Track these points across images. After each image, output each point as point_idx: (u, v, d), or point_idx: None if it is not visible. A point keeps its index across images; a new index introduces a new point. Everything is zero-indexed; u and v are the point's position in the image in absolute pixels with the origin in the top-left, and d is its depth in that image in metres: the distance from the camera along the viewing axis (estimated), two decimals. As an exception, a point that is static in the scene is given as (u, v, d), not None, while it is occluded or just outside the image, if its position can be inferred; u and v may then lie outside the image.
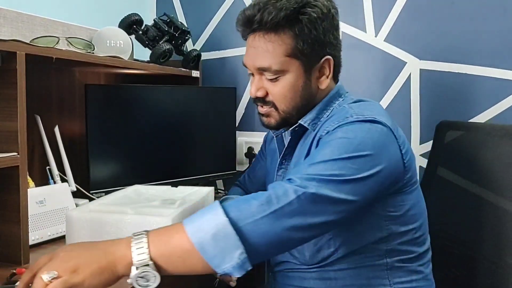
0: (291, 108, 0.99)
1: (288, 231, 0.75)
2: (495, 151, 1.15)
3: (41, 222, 1.13)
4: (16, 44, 0.96)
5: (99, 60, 1.25)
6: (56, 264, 0.69)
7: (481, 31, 1.51)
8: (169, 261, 0.73)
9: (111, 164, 1.44)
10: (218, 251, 0.71)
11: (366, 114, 0.90)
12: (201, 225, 0.73)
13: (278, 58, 0.95)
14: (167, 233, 0.75)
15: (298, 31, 0.94)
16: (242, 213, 0.74)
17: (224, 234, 0.71)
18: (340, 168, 0.80)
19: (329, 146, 0.85)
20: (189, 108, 1.64)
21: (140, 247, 0.71)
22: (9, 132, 0.97)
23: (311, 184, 0.77)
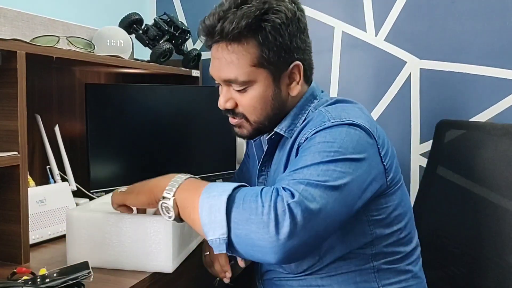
0: (262, 119, 0.97)
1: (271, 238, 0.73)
2: (495, 150, 1.15)
3: (42, 221, 1.13)
4: (16, 43, 0.96)
5: (99, 59, 1.25)
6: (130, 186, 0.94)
7: (481, 30, 1.51)
8: (182, 209, 0.82)
9: (111, 163, 1.44)
10: (209, 220, 0.76)
11: (343, 117, 0.88)
12: (210, 193, 0.78)
13: (244, 69, 0.91)
14: (194, 187, 0.83)
15: (262, 39, 0.89)
16: (243, 204, 0.75)
17: (218, 209, 0.75)
18: (323, 172, 0.78)
19: (309, 152, 0.83)
20: (189, 107, 1.64)
21: (172, 186, 0.83)
22: (9, 131, 0.97)
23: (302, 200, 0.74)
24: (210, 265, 1.02)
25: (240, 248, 0.75)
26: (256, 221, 0.73)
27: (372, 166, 0.86)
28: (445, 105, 1.57)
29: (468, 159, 1.21)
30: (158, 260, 0.92)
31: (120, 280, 0.90)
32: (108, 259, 0.94)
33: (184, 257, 1.01)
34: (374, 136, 0.88)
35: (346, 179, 0.79)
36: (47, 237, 1.14)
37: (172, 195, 0.82)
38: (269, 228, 0.72)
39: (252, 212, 0.74)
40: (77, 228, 0.94)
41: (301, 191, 0.75)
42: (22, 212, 0.98)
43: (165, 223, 0.91)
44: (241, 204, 0.75)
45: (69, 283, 0.83)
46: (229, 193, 0.76)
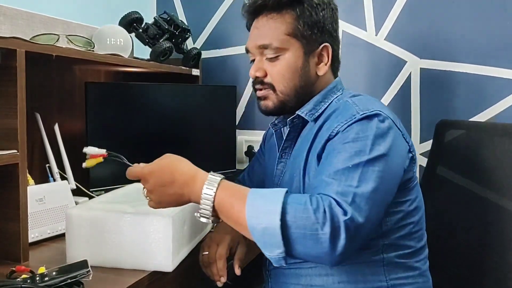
0: (289, 89, 1.01)
1: (329, 254, 0.78)
2: (495, 150, 1.15)
3: (41, 220, 1.13)
4: (16, 42, 0.96)
5: (99, 58, 1.25)
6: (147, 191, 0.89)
7: (482, 30, 1.50)
8: (227, 220, 0.85)
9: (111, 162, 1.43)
10: (264, 241, 0.79)
11: (370, 108, 0.91)
12: (258, 214, 0.79)
13: (279, 36, 0.99)
14: (233, 197, 0.84)
15: (300, 12, 0.99)
16: (296, 221, 0.77)
17: (273, 233, 0.77)
18: (364, 175, 0.83)
19: (345, 151, 0.86)
20: (189, 106, 1.64)
21: (207, 199, 0.84)
22: (9, 129, 0.97)
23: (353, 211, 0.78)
24: (207, 265, 1.03)
25: (299, 257, 0.82)
26: (313, 238, 0.77)
27: (403, 156, 0.92)
28: (445, 105, 1.56)
29: (468, 159, 1.21)
30: (157, 259, 0.92)
31: (119, 278, 0.90)
32: (107, 257, 0.94)
33: (184, 256, 1.01)
34: (398, 126, 0.93)
35: (384, 176, 0.84)
36: (46, 235, 1.13)
37: (212, 202, 0.84)
38: (324, 244, 0.76)
39: (307, 229, 0.77)
40: (77, 227, 0.94)
41: (351, 205, 0.79)
42: (21, 211, 0.98)
43: (165, 222, 0.91)
44: (294, 223, 0.77)
45: (68, 281, 0.83)
46: (280, 215, 0.77)
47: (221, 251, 1.01)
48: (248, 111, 1.88)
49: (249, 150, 1.84)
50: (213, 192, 0.83)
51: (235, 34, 1.87)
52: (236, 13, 1.85)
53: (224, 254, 1.01)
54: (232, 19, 1.86)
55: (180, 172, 0.89)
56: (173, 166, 0.91)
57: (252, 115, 1.87)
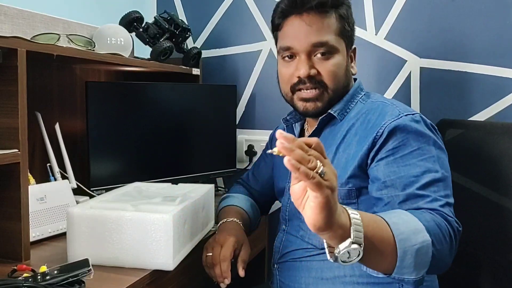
0: (339, 88, 1.03)
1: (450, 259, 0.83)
2: (495, 149, 1.16)
3: (42, 219, 1.13)
4: (16, 41, 0.96)
5: (99, 57, 1.25)
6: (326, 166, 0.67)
7: (482, 29, 1.51)
8: (371, 255, 0.71)
9: (111, 161, 1.44)
10: (413, 264, 0.73)
11: (409, 111, 0.97)
12: (409, 235, 0.74)
13: (333, 35, 1.01)
14: (376, 223, 0.73)
15: (343, 13, 1.03)
16: (436, 238, 0.78)
17: (426, 252, 0.75)
18: (445, 184, 0.89)
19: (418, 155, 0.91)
20: (190, 105, 1.64)
21: (357, 221, 0.68)
22: (9, 129, 0.97)
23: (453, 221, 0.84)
24: (210, 267, 1.02)
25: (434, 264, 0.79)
26: (447, 254, 0.81)
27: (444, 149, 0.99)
28: (445, 104, 1.57)
29: (468, 158, 1.21)
30: (158, 258, 0.93)
31: (121, 277, 0.90)
32: (108, 256, 0.94)
33: (185, 255, 1.01)
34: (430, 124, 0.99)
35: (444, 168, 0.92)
36: (48, 234, 1.14)
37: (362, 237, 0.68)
38: (452, 252, 0.82)
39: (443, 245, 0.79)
40: (78, 226, 0.95)
41: (453, 214, 0.85)
42: (23, 210, 0.98)
43: (165, 221, 0.91)
44: (436, 242, 0.77)
45: (69, 280, 0.83)
46: (427, 231, 0.77)
47: (225, 253, 1.00)
48: (248, 111, 1.88)
49: (249, 150, 1.84)
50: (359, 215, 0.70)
51: (235, 34, 1.87)
52: (236, 12, 1.85)
53: (228, 256, 1.00)
54: (232, 18, 1.87)
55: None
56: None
57: (252, 114, 1.87)
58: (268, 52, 1.81)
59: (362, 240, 0.67)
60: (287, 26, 1.03)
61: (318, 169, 0.60)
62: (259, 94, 1.85)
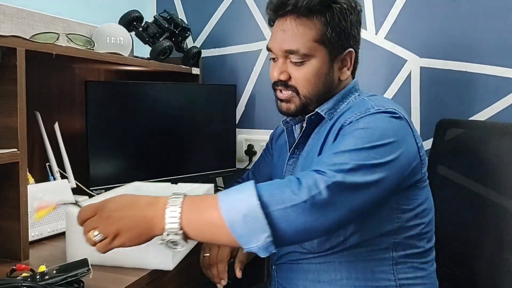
0: (312, 94, 1.01)
1: (315, 221, 0.77)
2: (495, 149, 1.15)
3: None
4: (16, 40, 0.96)
5: (99, 56, 1.25)
6: (101, 225, 0.79)
7: (482, 28, 1.50)
8: (198, 233, 0.78)
9: (111, 161, 1.44)
10: (247, 231, 0.74)
11: (386, 106, 0.93)
12: (233, 204, 0.76)
13: (307, 42, 0.98)
14: (201, 204, 0.78)
15: (329, 18, 0.97)
16: (274, 199, 0.76)
17: (254, 216, 0.74)
18: (364, 157, 0.82)
19: (352, 136, 0.87)
20: (189, 105, 1.64)
21: (173, 216, 0.76)
22: (9, 128, 0.97)
23: (339, 173, 0.79)
24: (207, 267, 1.03)
25: (288, 239, 0.77)
26: (294, 208, 0.75)
27: (410, 154, 0.91)
28: (445, 104, 1.56)
29: (468, 158, 1.21)
30: (157, 258, 0.92)
31: (120, 277, 0.90)
32: (107, 256, 0.93)
33: (184, 255, 1.01)
34: (412, 127, 0.95)
35: (386, 159, 0.84)
36: (47, 234, 1.14)
37: (179, 228, 0.76)
38: (307, 207, 0.75)
39: (286, 202, 0.75)
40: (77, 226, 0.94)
41: (340, 174, 0.78)
42: (22, 209, 0.98)
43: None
44: (272, 200, 0.75)
45: (68, 280, 0.83)
46: (256, 197, 0.75)
47: (222, 254, 1.01)
48: (248, 110, 1.88)
49: (249, 149, 1.84)
50: (180, 203, 0.77)
51: (235, 33, 1.86)
52: (236, 12, 1.85)
53: (225, 256, 1.01)
54: (232, 18, 1.86)
55: (142, 196, 0.82)
56: (134, 195, 0.83)
57: (252, 114, 1.87)
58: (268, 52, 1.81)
59: (178, 229, 0.76)
60: (274, 28, 1.04)
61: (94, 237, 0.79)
62: (259, 93, 1.85)
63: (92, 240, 0.79)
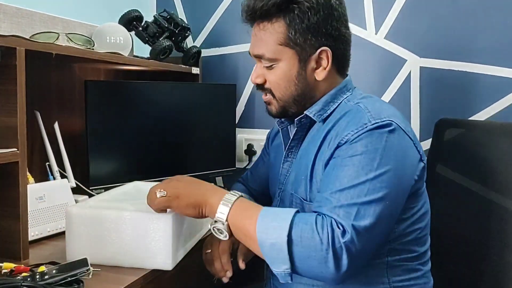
0: (286, 97, 1.01)
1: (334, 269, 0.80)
2: (494, 149, 1.16)
3: (41, 218, 1.13)
4: (16, 40, 0.96)
5: (99, 56, 1.25)
6: (167, 186, 0.92)
7: (482, 29, 1.50)
8: (236, 232, 0.87)
9: (110, 160, 1.44)
10: (272, 256, 0.82)
11: (382, 115, 0.90)
12: (268, 228, 0.82)
13: (271, 47, 0.97)
14: (245, 213, 0.87)
15: (290, 20, 0.95)
16: (302, 242, 0.80)
17: (280, 248, 0.80)
18: (370, 191, 0.83)
19: (352, 164, 0.86)
20: (189, 105, 1.64)
21: (224, 209, 0.86)
22: (8, 128, 0.97)
23: (353, 221, 0.81)
24: (210, 263, 1.03)
25: (305, 275, 0.84)
26: (317, 258, 0.80)
27: (413, 166, 0.91)
28: (444, 104, 1.56)
29: (467, 158, 1.21)
30: (157, 257, 0.93)
31: (119, 277, 0.90)
32: (107, 256, 0.94)
33: (184, 255, 1.01)
34: (409, 135, 0.92)
35: (391, 190, 0.85)
36: (46, 233, 1.14)
37: (225, 220, 0.86)
38: (329, 264, 0.79)
39: (311, 250, 0.80)
40: (77, 225, 0.94)
41: (353, 222, 0.81)
42: (21, 209, 0.98)
43: (165, 221, 0.91)
44: (300, 242, 0.80)
45: (68, 279, 0.83)
46: (287, 231, 0.80)
47: (223, 247, 1.02)
48: (248, 110, 1.88)
49: (249, 149, 1.84)
50: (232, 203, 0.87)
51: (235, 33, 1.86)
52: (236, 11, 1.85)
53: (227, 249, 1.02)
54: (232, 17, 1.86)
55: (206, 182, 0.96)
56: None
57: (252, 113, 1.87)
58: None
59: (228, 236, 0.87)
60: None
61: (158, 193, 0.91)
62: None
63: (154, 195, 0.90)
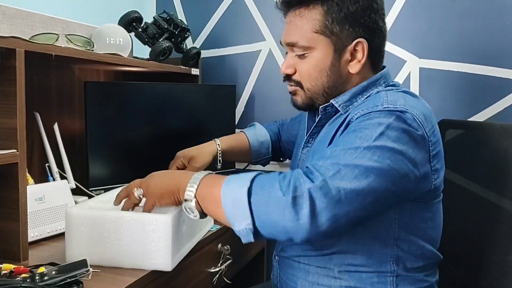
0: (316, 88, 0.98)
1: (293, 221, 0.75)
2: (494, 150, 1.16)
3: (40, 219, 1.13)
4: (15, 41, 0.96)
5: (98, 57, 1.25)
6: (143, 184, 0.94)
7: (481, 29, 1.51)
8: (204, 205, 0.85)
9: (110, 161, 1.44)
10: (233, 213, 0.80)
11: (398, 103, 0.86)
12: (231, 186, 0.81)
13: (306, 34, 0.95)
14: (214, 182, 0.85)
15: (328, 7, 0.93)
16: (262, 190, 0.78)
17: (240, 201, 0.78)
18: (359, 156, 0.79)
19: (352, 134, 0.84)
20: (189, 106, 1.64)
21: (192, 187, 0.86)
22: (8, 129, 0.97)
23: (329, 175, 0.77)
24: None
25: (265, 232, 0.79)
26: (274, 204, 0.76)
27: (416, 161, 0.84)
28: (444, 104, 1.57)
29: (467, 159, 1.21)
30: (157, 258, 0.92)
31: (119, 278, 0.90)
32: (107, 257, 0.94)
33: (183, 256, 1.01)
34: (426, 131, 0.87)
35: (381, 166, 0.79)
36: (46, 235, 1.14)
37: (193, 196, 0.85)
38: (286, 211, 0.75)
39: (271, 196, 0.77)
40: (76, 226, 0.94)
41: (327, 178, 0.76)
42: (21, 210, 0.98)
43: (164, 221, 0.91)
44: (260, 191, 0.78)
45: (67, 281, 0.83)
46: (248, 185, 0.79)
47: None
48: (247, 111, 1.88)
49: (249, 150, 1.84)
50: (201, 179, 0.86)
51: (234, 34, 1.86)
52: (235, 12, 1.85)
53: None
54: (231, 18, 1.86)
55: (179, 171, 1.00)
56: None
57: (252, 114, 1.87)
58: (268, 52, 1.81)
59: (198, 214, 0.87)
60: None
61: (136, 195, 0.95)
62: (258, 94, 1.85)
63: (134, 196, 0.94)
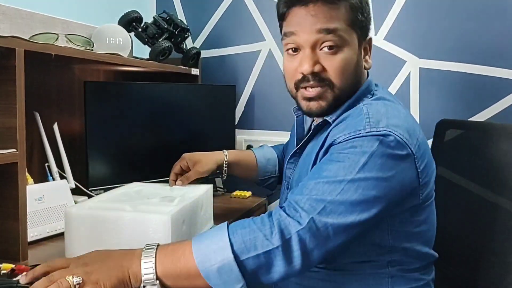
0: (347, 86, 0.92)
1: (289, 265, 0.76)
2: (494, 150, 1.15)
3: (40, 218, 1.13)
4: (15, 41, 0.96)
5: (98, 57, 1.25)
6: (79, 271, 0.74)
7: (481, 29, 1.51)
8: (175, 282, 0.76)
9: (110, 161, 1.44)
10: (222, 281, 0.74)
11: (381, 124, 0.83)
12: (208, 255, 0.75)
13: (342, 24, 0.90)
14: (175, 253, 0.77)
15: (356, 3, 0.92)
16: (246, 246, 0.75)
17: (229, 269, 0.74)
18: (344, 191, 0.78)
19: (336, 163, 0.81)
20: (188, 105, 1.64)
21: (148, 267, 0.75)
22: (8, 128, 0.97)
23: (315, 213, 0.76)
24: None
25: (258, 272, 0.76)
26: (266, 256, 0.75)
27: (403, 183, 0.83)
28: (444, 105, 1.57)
29: (467, 159, 1.21)
30: (156, 258, 0.92)
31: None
32: (106, 257, 0.93)
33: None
34: (411, 148, 0.84)
35: (366, 199, 0.79)
36: (46, 234, 1.14)
37: (155, 278, 0.75)
38: (280, 258, 0.75)
39: (258, 248, 0.75)
40: (76, 226, 0.94)
41: (314, 216, 0.76)
42: (21, 210, 0.98)
43: (164, 221, 0.91)
44: (245, 248, 0.75)
45: (67, 280, 0.83)
46: (229, 246, 0.74)
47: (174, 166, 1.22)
48: (247, 111, 1.88)
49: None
50: (154, 254, 0.76)
51: (234, 34, 1.87)
52: (235, 12, 1.85)
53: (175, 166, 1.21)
54: (231, 18, 1.86)
55: (115, 250, 0.81)
56: (106, 250, 0.81)
57: (252, 114, 1.87)
58: (267, 52, 1.81)
59: (155, 279, 0.74)
60: (291, 15, 0.93)
61: (72, 284, 0.71)
62: (258, 94, 1.85)
63: (68, 284, 0.71)
